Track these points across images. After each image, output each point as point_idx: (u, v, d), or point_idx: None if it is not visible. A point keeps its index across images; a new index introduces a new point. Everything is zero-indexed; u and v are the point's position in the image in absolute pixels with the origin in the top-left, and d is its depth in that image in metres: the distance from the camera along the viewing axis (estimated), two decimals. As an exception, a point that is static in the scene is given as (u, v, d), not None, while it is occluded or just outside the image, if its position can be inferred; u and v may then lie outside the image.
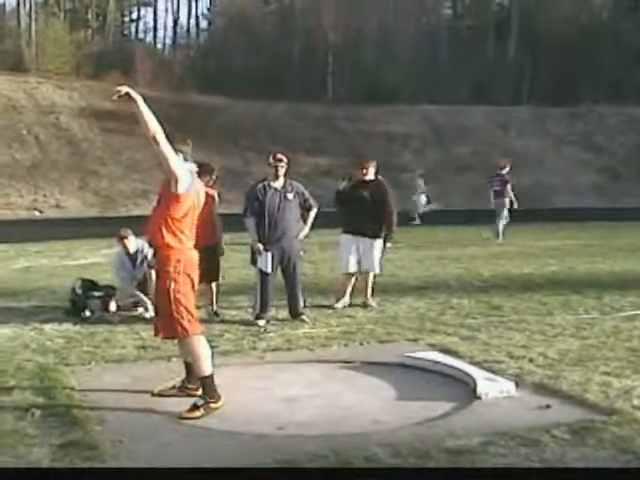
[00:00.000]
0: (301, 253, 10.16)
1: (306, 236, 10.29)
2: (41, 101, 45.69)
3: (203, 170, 9.82)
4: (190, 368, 6.56)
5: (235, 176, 38.50)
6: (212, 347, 8.08)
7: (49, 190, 39.34)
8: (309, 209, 10.14)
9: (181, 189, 6.12)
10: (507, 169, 21.81)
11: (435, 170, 47.05)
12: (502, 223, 21.36)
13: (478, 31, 63.86)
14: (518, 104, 54.85)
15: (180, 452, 5.26)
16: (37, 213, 37.08)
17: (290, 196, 9.88)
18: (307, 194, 10.11)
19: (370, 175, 11.11)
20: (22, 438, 5.44)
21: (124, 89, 5.83)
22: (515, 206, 21.53)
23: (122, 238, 10.44)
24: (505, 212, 21.41)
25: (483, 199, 23.69)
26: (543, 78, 56.63)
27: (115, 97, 5.82)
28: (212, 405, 6.12)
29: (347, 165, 45.79)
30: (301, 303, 10.08)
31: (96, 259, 17.29)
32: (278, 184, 9.89)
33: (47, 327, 9.48)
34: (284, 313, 10.09)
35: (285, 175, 9.97)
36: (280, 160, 9.82)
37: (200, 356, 6.26)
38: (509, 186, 21.46)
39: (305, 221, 10.15)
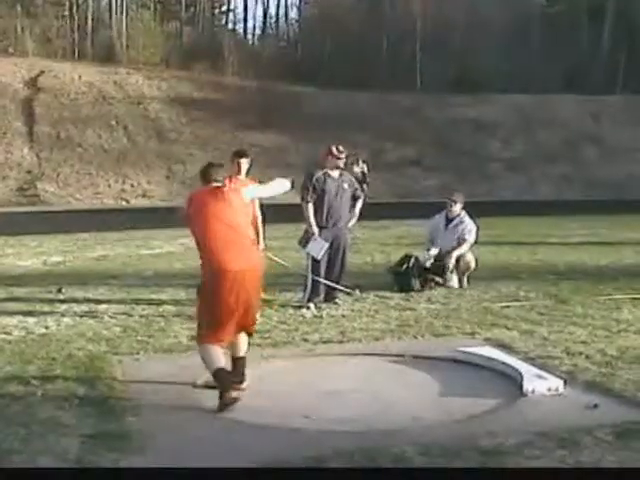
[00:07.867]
0: (349, 241, 10.59)
1: (353, 225, 10.76)
2: (130, 92, 46.45)
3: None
4: (237, 363, 6.48)
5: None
6: (264, 337, 8.09)
7: (136, 179, 40.00)
8: (357, 199, 10.66)
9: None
10: None
11: (523, 159, 46.33)
12: None
13: (572, 17, 62.48)
14: (612, 92, 53.55)
15: (210, 446, 5.17)
16: (124, 203, 37.78)
17: (346, 186, 10.42)
18: (357, 184, 10.77)
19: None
20: (55, 427, 5.44)
21: None
22: None
23: None
24: None
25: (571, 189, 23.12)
26: (639, 65, 55.08)
27: None
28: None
29: (433, 154, 45.65)
30: (340, 288, 10.40)
31: (172, 248, 17.50)
32: (335, 174, 10.36)
33: (107, 316, 9.53)
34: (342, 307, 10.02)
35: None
36: (343, 152, 10.34)
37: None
38: None
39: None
